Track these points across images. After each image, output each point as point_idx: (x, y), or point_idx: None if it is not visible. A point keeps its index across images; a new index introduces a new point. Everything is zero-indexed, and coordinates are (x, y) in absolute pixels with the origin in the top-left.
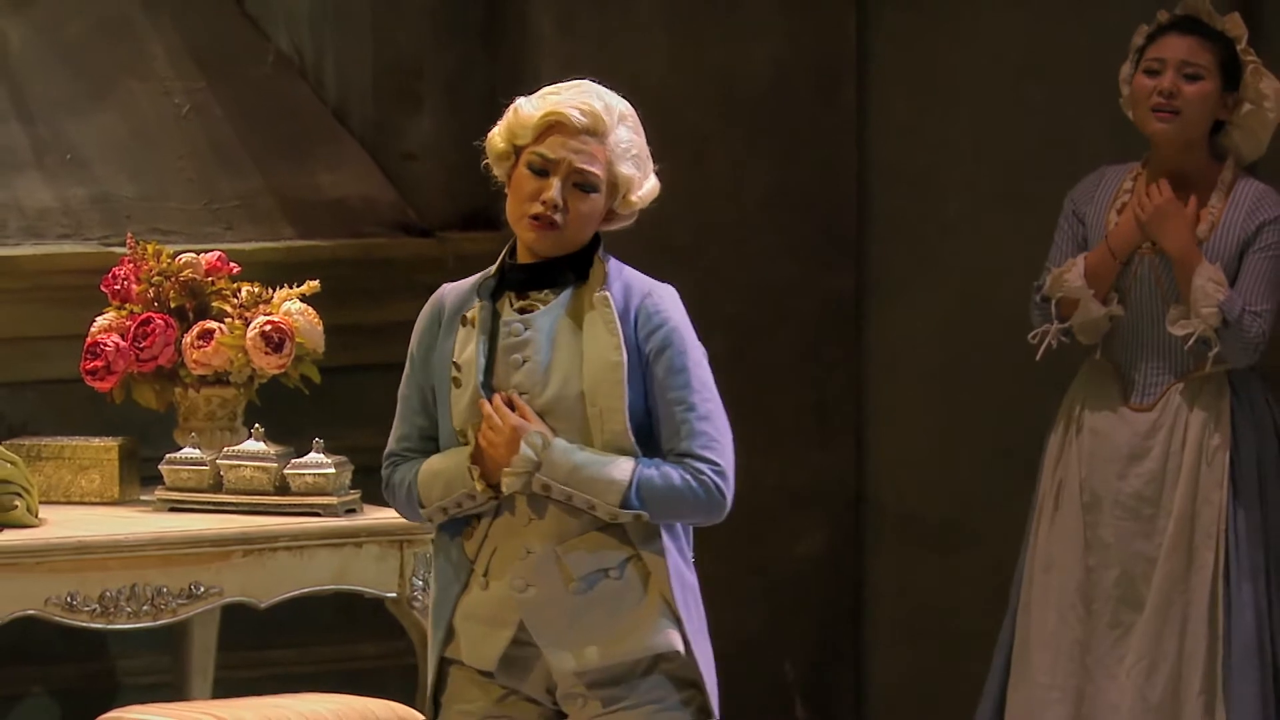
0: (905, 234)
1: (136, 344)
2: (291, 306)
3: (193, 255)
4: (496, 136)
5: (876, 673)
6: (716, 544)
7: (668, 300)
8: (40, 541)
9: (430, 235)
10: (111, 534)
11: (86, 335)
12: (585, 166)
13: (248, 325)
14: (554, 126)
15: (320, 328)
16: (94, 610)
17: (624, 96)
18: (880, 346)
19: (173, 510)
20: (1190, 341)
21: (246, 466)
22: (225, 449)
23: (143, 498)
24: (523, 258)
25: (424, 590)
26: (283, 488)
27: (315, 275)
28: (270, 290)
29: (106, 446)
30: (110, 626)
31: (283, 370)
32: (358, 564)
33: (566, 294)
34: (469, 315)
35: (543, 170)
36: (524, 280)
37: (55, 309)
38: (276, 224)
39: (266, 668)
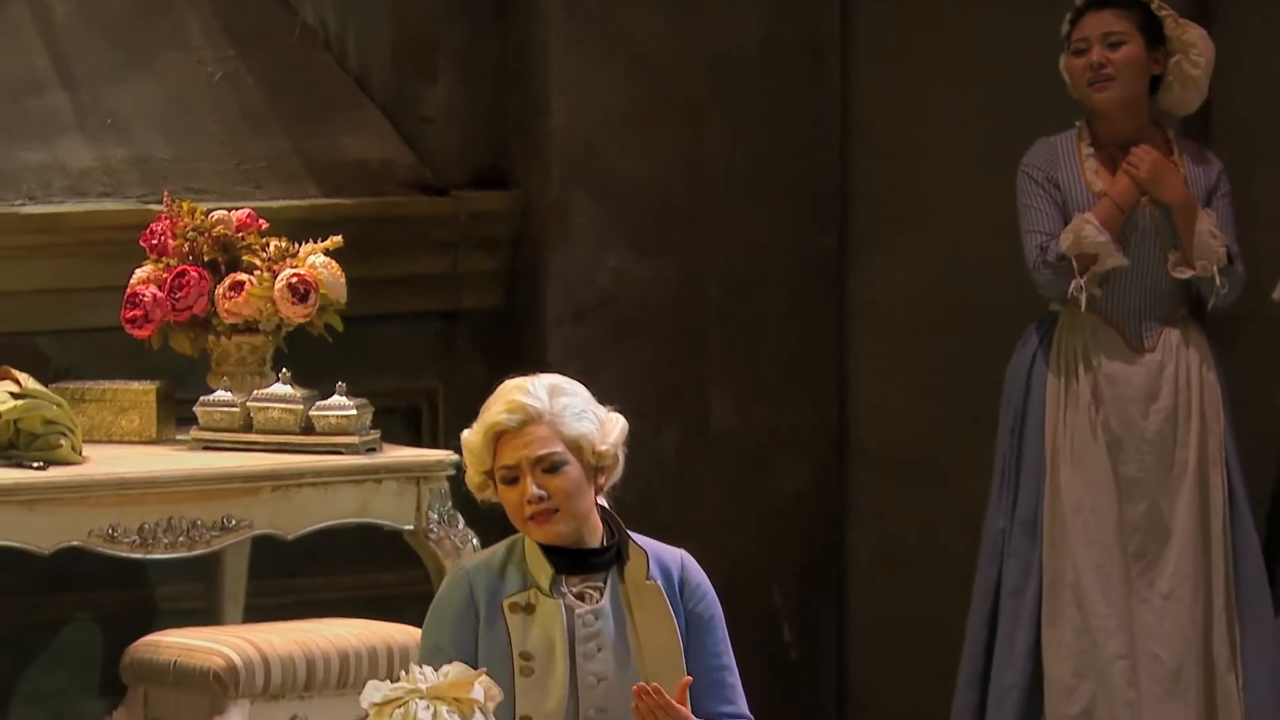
0: (885, 194)
1: (172, 295)
2: (316, 260)
3: (224, 212)
4: (470, 475)
5: (858, 600)
6: (711, 482)
7: (698, 570)
8: (83, 477)
9: (445, 194)
10: (149, 471)
11: (126, 286)
12: (541, 452)
13: (275, 277)
14: (499, 438)
15: (343, 280)
16: (133, 541)
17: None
18: (861, 299)
19: (206, 449)
20: (1217, 284)
21: (274, 408)
22: (255, 392)
23: (178, 437)
24: (552, 542)
25: (439, 523)
26: (308, 428)
27: (338, 231)
28: (296, 245)
29: (145, 389)
30: (148, 556)
31: (308, 319)
32: (378, 499)
33: (613, 579)
34: (518, 602)
35: (513, 478)
36: (569, 566)
37: (97, 262)
38: (302, 183)
39: (293, 595)
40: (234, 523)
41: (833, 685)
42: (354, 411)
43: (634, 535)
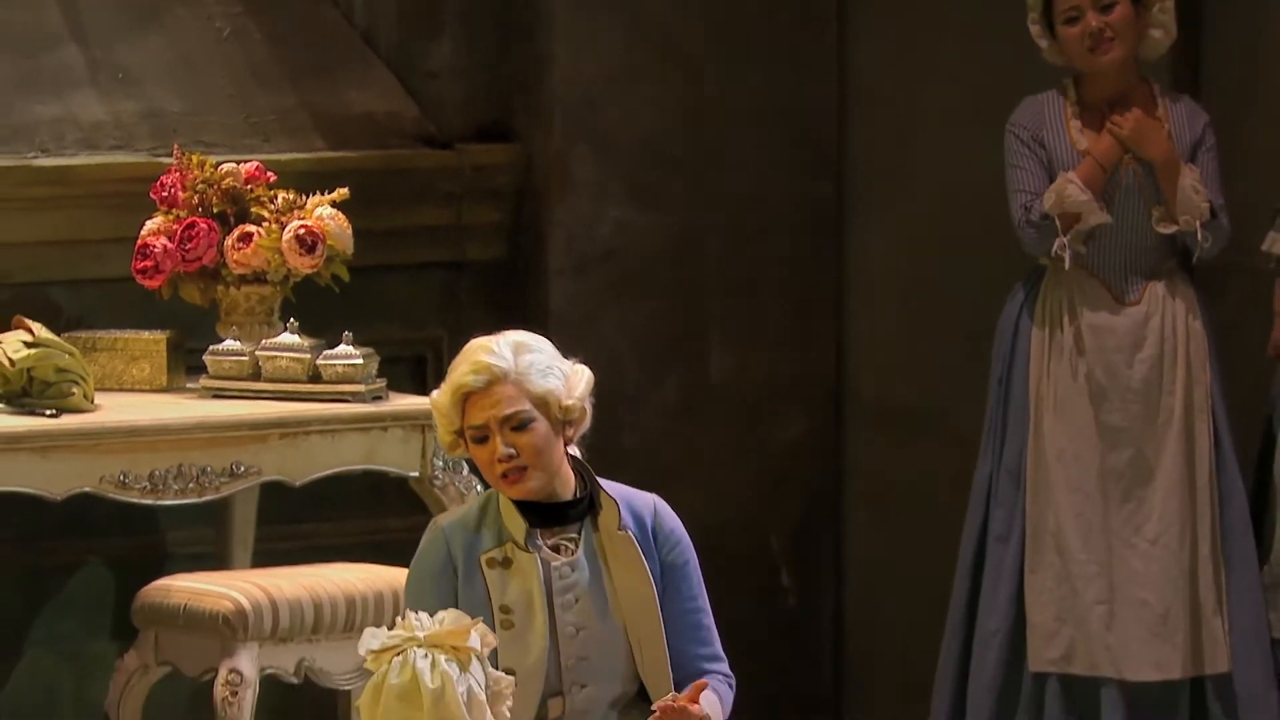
0: (883, 147)
1: (182, 246)
2: (323, 212)
3: (233, 165)
4: (440, 434)
5: (854, 546)
6: (711, 430)
7: (671, 515)
8: (95, 425)
9: (449, 147)
10: (160, 418)
11: (137, 238)
12: (509, 410)
13: (283, 229)
14: (466, 398)
15: (349, 231)
16: (144, 487)
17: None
18: (858, 250)
19: (215, 397)
20: (1199, 238)
21: (282, 357)
22: (263, 341)
23: (188, 385)
24: (525, 497)
25: (443, 470)
26: (315, 376)
27: (345, 183)
28: (304, 197)
29: (155, 339)
30: (159, 502)
31: (315, 270)
32: (384, 446)
33: (587, 530)
34: (495, 558)
35: (482, 437)
36: (542, 520)
37: (108, 214)
38: (309, 137)
39: (301, 540)
40: (243, 469)
41: (829, 630)
42: (360, 360)
43: (605, 484)
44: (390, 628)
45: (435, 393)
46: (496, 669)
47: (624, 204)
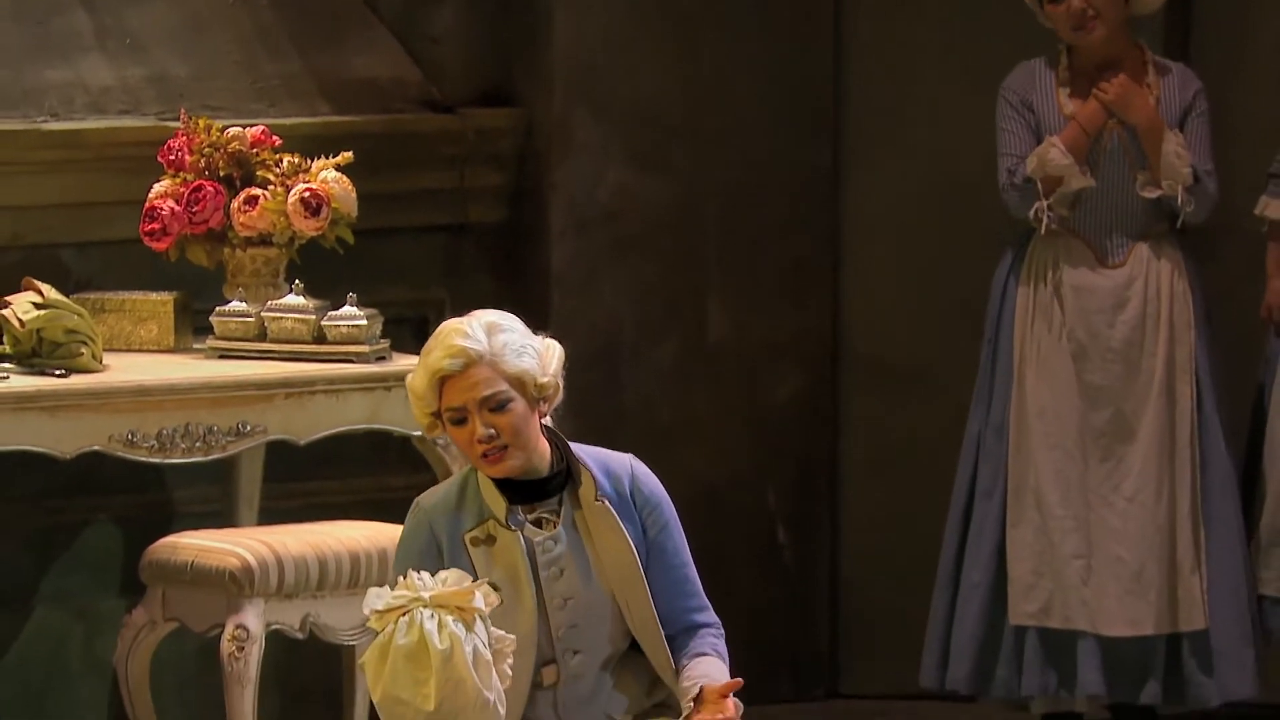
0: (879, 110)
1: (189, 208)
2: (328, 175)
3: (239, 129)
4: (418, 416)
5: (850, 504)
6: (709, 389)
7: (648, 476)
8: (104, 385)
9: (452, 111)
10: (167, 378)
11: (144, 201)
12: (486, 392)
13: (288, 192)
14: (443, 382)
15: (353, 194)
16: (152, 446)
17: None
18: (855, 212)
19: (222, 357)
20: (1179, 202)
21: (288, 318)
22: (269, 302)
23: (195, 346)
24: (506, 475)
25: None
26: (320, 337)
27: (349, 147)
28: (309, 161)
29: (163, 300)
30: (166, 461)
31: (320, 232)
32: (387, 405)
33: (567, 502)
34: (479, 536)
35: (460, 419)
36: (521, 496)
37: (116, 177)
38: (314, 101)
39: (306, 498)
40: (249, 428)
41: (825, 586)
42: (364, 321)
43: (580, 449)
44: (392, 587)
45: (410, 376)
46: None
47: (624, 167)
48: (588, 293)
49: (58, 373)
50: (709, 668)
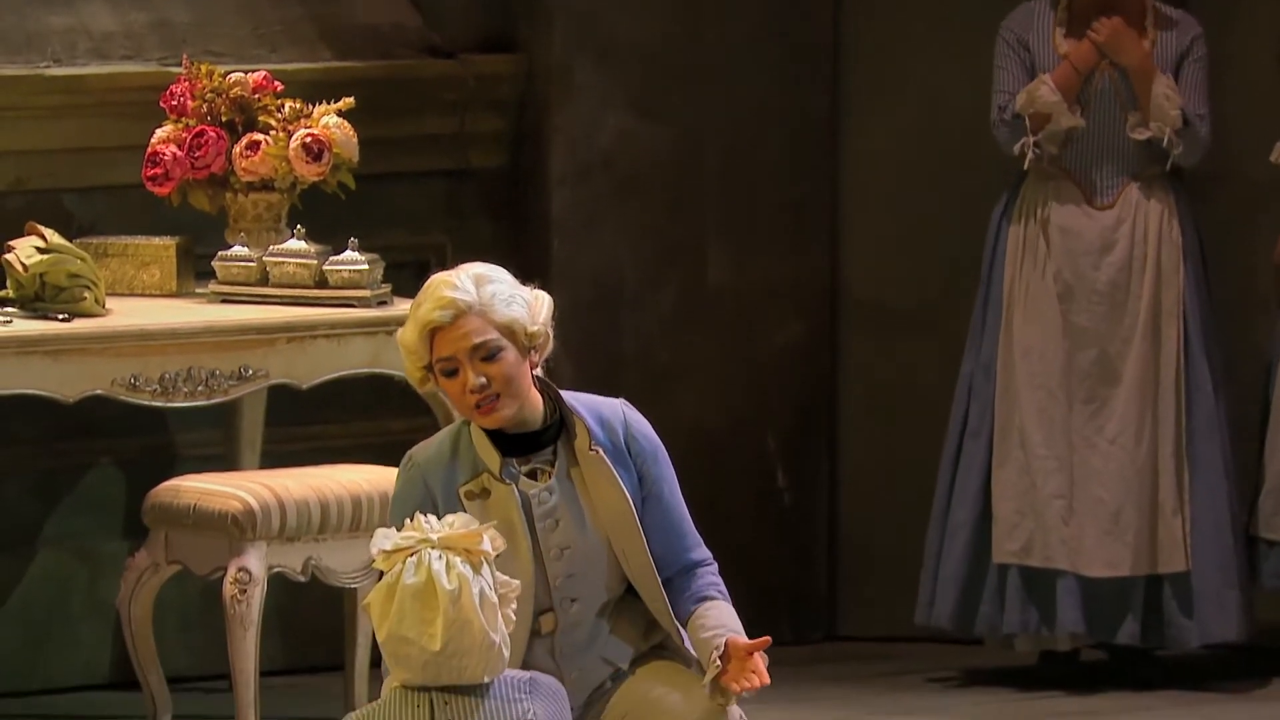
0: (878, 54)
1: (191, 154)
2: (329, 120)
3: (241, 75)
4: (409, 370)
5: (849, 446)
6: (709, 333)
7: (641, 421)
8: (107, 329)
9: (452, 57)
10: (170, 322)
11: (147, 146)
12: (477, 341)
13: (290, 137)
14: (433, 334)
15: (355, 139)
16: (154, 390)
17: None
18: (854, 156)
19: (224, 302)
20: (1165, 143)
21: (290, 263)
22: (271, 247)
23: (197, 291)
24: (498, 427)
25: None
26: (322, 282)
27: (350, 93)
28: (310, 106)
29: (165, 245)
30: (169, 405)
31: (321, 177)
32: (388, 350)
33: (560, 452)
34: (473, 490)
35: (452, 370)
36: (515, 449)
37: (119, 122)
38: (316, 47)
39: (308, 441)
40: (251, 372)
41: (824, 528)
42: (365, 266)
43: (571, 397)
44: (398, 529)
45: (400, 331)
46: None
47: (624, 112)
48: (588, 238)
49: (61, 317)
50: (723, 615)
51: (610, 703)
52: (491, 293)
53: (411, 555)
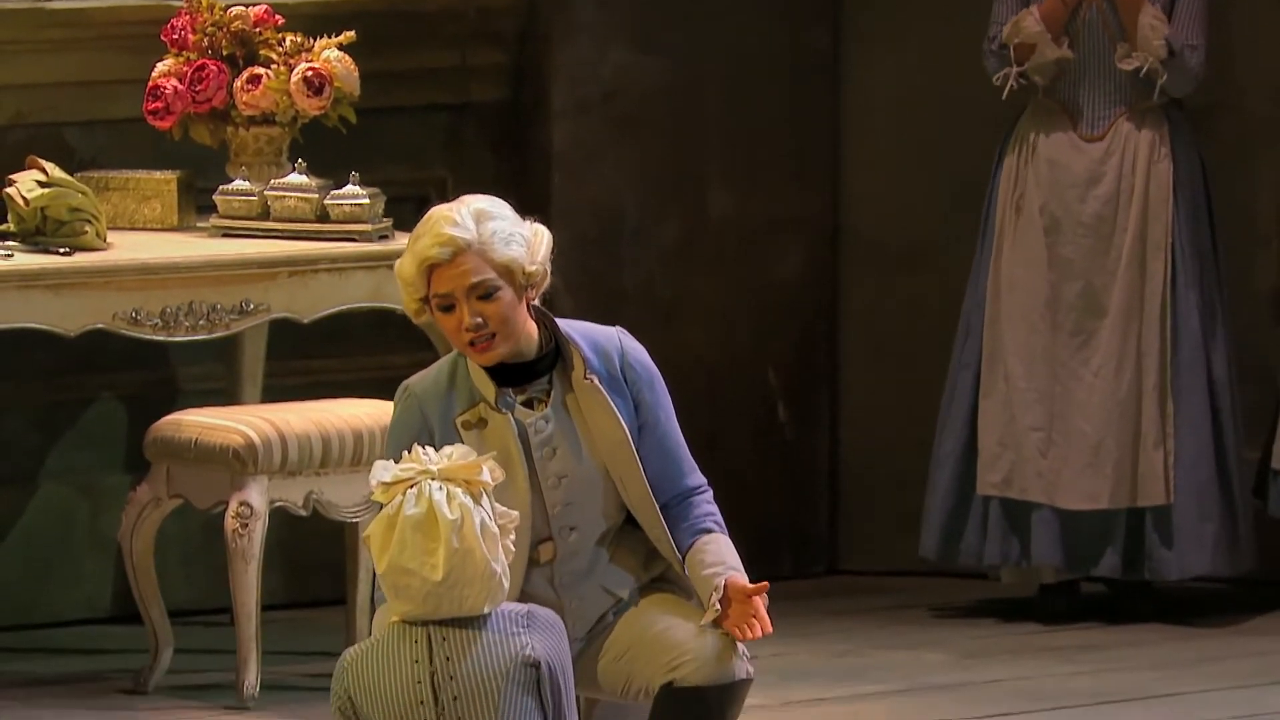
0: None
1: (193, 87)
2: (330, 54)
3: (242, 8)
4: (406, 302)
5: (850, 383)
6: (710, 268)
7: (637, 349)
8: (108, 263)
9: None
10: (171, 256)
11: (148, 79)
12: (475, 279)
13: (291, 71)
14: (430, 270)
15: (356, 73)
16: (156, 324)
17: None
18: (856, 92)
19: (225, 236)
20: (1144, 73)
21: (291, 197)
22: (272, 181)
23: (198, 225)
24: (494, 363)
25: None
26: (323, 216)
27: (351, 26)
28: (311, 40)
29: (166, 179)
30: (170, 339)
31: (323, 111)
32: (390, 283)
33: (556, 381)
34: (470, 420)
35: (448, 306)
36: (511, 379)
37: (120, 56)
38: None
39: (309, 376)
40: (252, 306)
41: (825, 463)
42: (367, 200)
43: (568, 327)
44: (395, 460)
45: (399, 263)
46: None
47: (625, 47)
48: (589, 172)
49: (62, 251)
50: (721, 551)
51: (613, 636)
52: (491, 230)
53: (411, 487)
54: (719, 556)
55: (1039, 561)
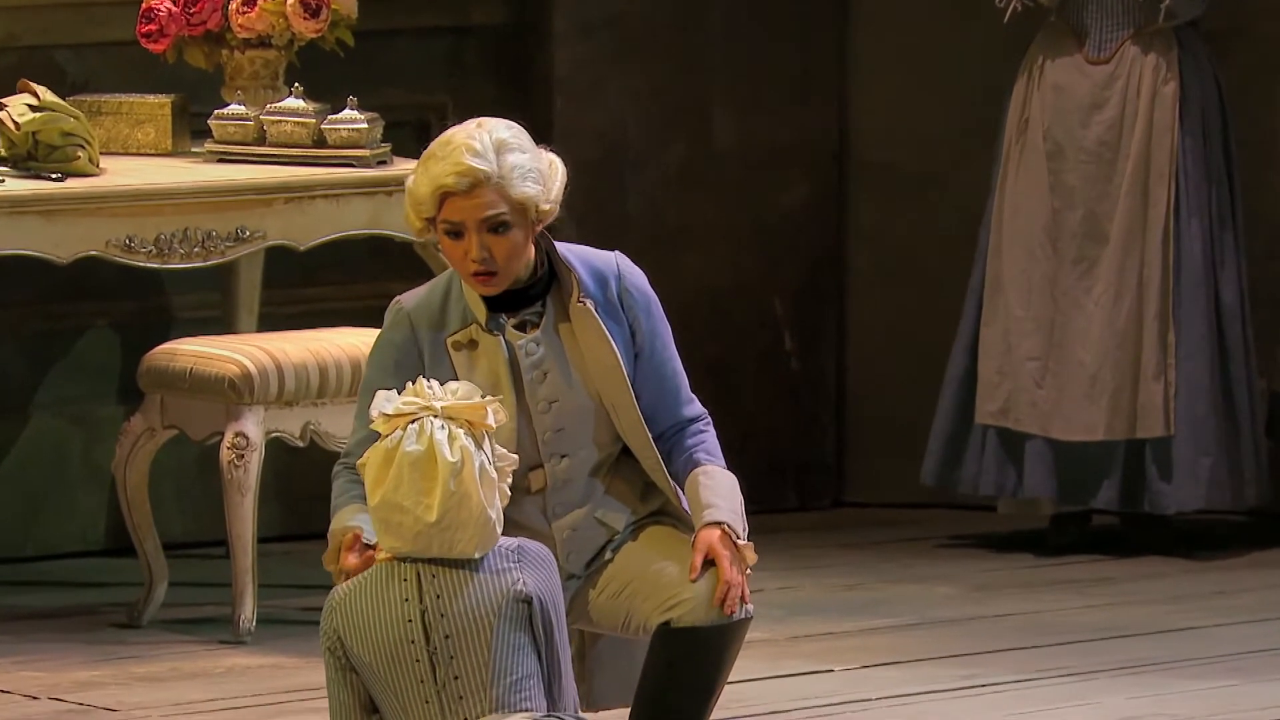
0: None
1: (187, 9)
2: None
3: None
4: (411, 219)
5: (856, 311)
6: (715, 194)
7: (634, 273)
8: (101, 189)
9: None
10: (165, 182)
11: (142, 1)
12: (488, 214)
13: None
14: (444, 195)
15: None
16: (150, 251)
17: None
18: (863, 12)
19: (220, 161)
20: None
21: (287, 122)
22: (268, 106)
23: (193, 150)
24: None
25: None
26: (320, 141)
27: None
28: None
29: (160, 103)
30: (165, 266)
31: (319, 34)
32: (389, 210)
33: (550, 303)
34: (461, 340)
35: (456, 233)
36: (505, 303)
37: None
38: None
39: (306, 304)
40: (248, 233)
41: (831, 394)
42: (365, 125)
43: (566, 249)
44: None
45: (411, 179)
46: None
47: None
48: (592, 96)
49: (54, 176)
50: (714, 487)
51: (610, 571)
52: (512, 164)
53: (413, 422)
54: (708, 497)
55: (1032, 493)
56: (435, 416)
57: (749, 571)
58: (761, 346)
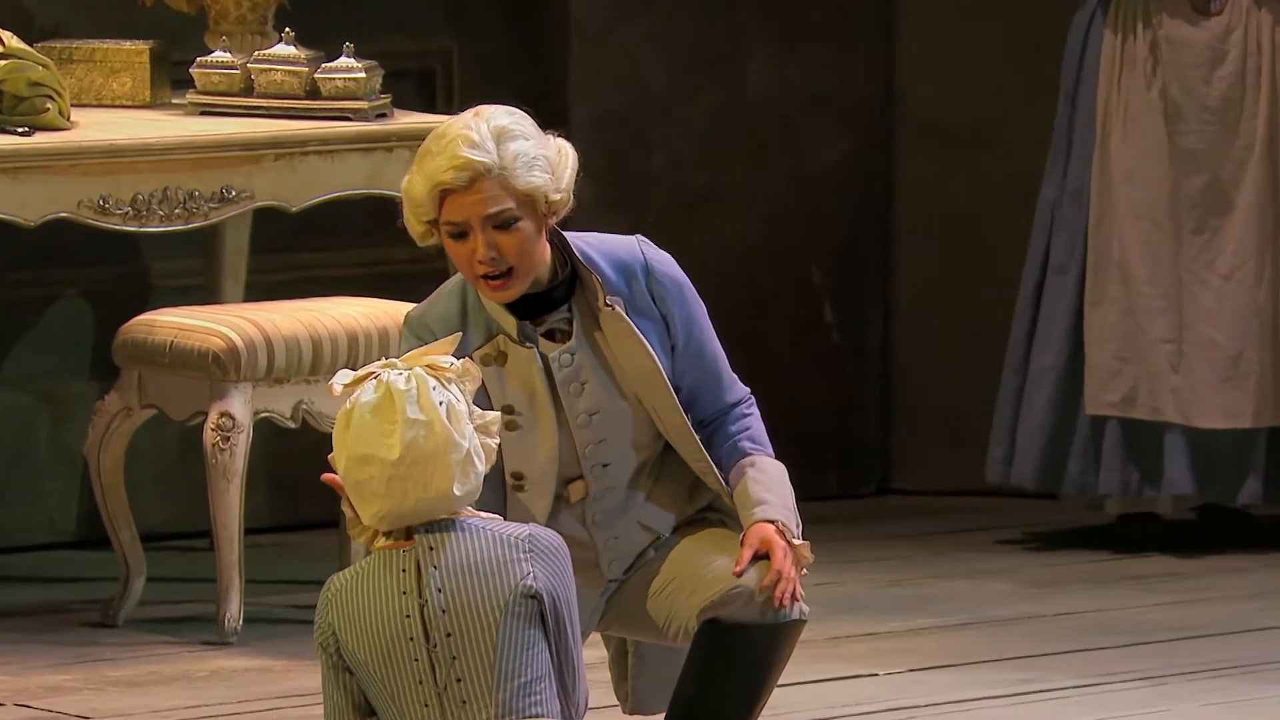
0: None
1: None
2: None
3: None
4: (411, 223)
5: (904, 278)
6: (747, 150)
7: (662, 260)
8: (72, 144)
9: None
10: (143, 137)
11: None
12: (492, 210)
13: None
14: (444, 195)
15: None
16: (126, 213)
17: None
18: None
19: (204, 114)
20: None
21: (277, 70)
22: (256, 53)
23: (174, 101)
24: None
25: None
26: (313, 92)
27: None
28: None
29: (138, 49)
30: (142, 229)
31: None
32: (388, 168)
33: (577, 308)
34: (490, 354)
35: (461, 234)
36: (527, 310)
37: None
38: None
39: (298, 271)
40: (234, 193)
41: (876, 370)
42: (362, 74)
43: (583, 244)
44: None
45: (406, 180)
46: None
47: None
48: (611, 41)
49: (21, 130)
50: (764, 481)
51: (654, 570)
52: (514, 153)
53: (373, 378)
54: (758, 492)
55: (1168, 490)
56: (394, 369)
57: (804, 572)
58: (799, 318)
